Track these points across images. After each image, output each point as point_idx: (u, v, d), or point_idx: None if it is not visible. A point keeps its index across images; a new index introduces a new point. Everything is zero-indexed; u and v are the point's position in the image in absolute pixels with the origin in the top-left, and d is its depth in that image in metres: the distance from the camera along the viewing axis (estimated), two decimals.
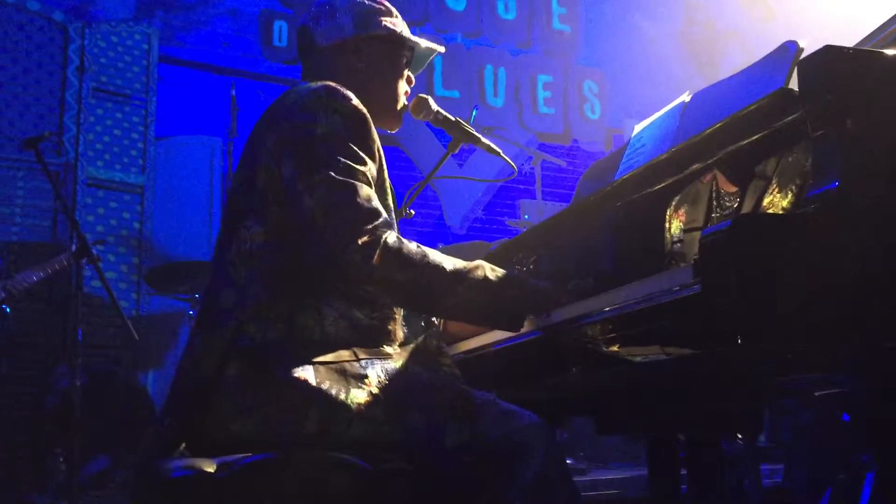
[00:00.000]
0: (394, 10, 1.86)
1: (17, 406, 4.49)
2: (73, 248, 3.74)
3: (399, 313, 1.65)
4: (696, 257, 1.15)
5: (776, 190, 1.58)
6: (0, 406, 4.36)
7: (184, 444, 1.45)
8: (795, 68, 1.65)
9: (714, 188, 1.87)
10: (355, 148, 1.56)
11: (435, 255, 1.55)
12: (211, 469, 1.32)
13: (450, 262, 1.56)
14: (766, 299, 1.07)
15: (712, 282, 1.08)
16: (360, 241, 1.46)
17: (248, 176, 1.61)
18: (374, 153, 1.62)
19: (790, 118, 1.25)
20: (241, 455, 1.36)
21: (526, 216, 6.11)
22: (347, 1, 1.81)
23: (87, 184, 5.04)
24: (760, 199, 1.61)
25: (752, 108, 1.32)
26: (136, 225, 5.21)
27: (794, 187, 1.52)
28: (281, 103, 1.65)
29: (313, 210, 1.49)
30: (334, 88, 1.61)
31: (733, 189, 1.81)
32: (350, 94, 1.62)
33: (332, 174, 1.51)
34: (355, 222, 1.48)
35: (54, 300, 4.72)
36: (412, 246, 1.53)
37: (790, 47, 1.65)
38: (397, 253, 1.50)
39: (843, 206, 1.07)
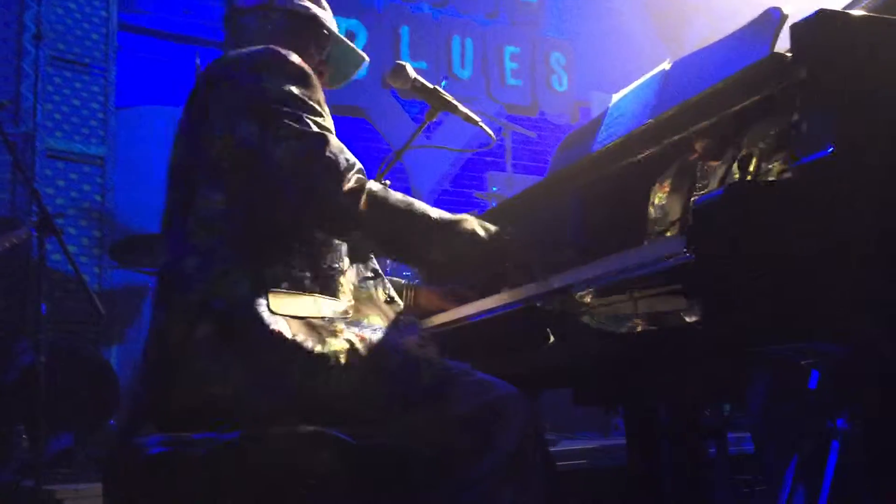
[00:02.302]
0: (324, 2, 1.88)
1: None
2: (34, 220, 3.63)
3: (348, 263, 1.64)
4: (688, 225, 1.13)
5: (744, 156, 1.57)
6: None
7: (160, 417, 1.42)
8: (779, 35, 1.65)
9: (699, 165, 1.85)
10: (311, 103, 1.57)
11: (421, 205, 1.58)
12: (189, 445, 1.29)
13: (436, 213, 1.59)
14: (761, 266, 1.06)
15: (706, 250, 1.07)
16: (345, 188, 1.48)
17: (194, 145, 1.59)
18: (324, 106, 1.63)
19: (780, 84, 1.23)
20: (220, 431, 1.32)
21: (494, 188, 6.09)
22: None
23: (46, 155, 4.90)
24: (729, 168, 1.59)
25: (742, 73, 1.30)
26: (98, 197, 5.09)
27: (756, 151, 1.50)
28: (218, 69, 1.64)
29: (287, 161, 1.49)
30: (274, 49, 1.61)
31: (715, 163, 1.79)
32: (291, 52, 1.61)
33: (298, 126, 1.51)
34: (336, 169, 1.49)
35: (12, 275, 4.60)
36: (397, 194, 1.56)
37: (774, 14, 1.63)
38: (383, 200, 1.52)
39: (838, 171, 1.06)
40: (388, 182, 2.11)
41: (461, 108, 2.02)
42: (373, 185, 1.52)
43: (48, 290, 3.72)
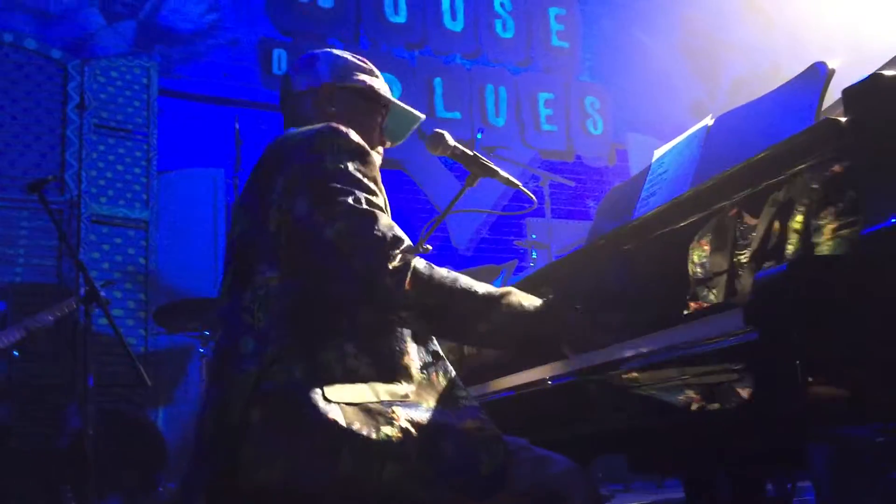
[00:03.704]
0: (375, 70, 1.92)
1: (27, 448, 4.43)
2: (82, 293, 3.67)
3: (411, 346, 1.60)
4: (746, 302, 1.08)
5: (783, 213, 1.50)
6: (10, 448, 4.29)
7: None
8: (826, 91, 1.61)
9: (739, 222, 1.79)
10: (365, 180, 1.56)
11: (466, 280, 1.54)
12: None
13: (482, 287, 1.55)
14: (830, 343, 1.01)
15: (771, 328, 1.02)
16: (390, 266, 1.45)
17: (256, 221, 1.58)
18: (380, 184, 1.63)
19: (834, 150, 1.19)
20: None
21: (534, 235, 6.05)
22: (329, 54, 1.88)
23: (91, 221, 5.00)
24: (770, 225, 1.53)
25: (797, 139, 1.25)
26: (142, 260, 5.16)
27: (801, 207, 1.44)
28: (283, 146, 1.64)
29: (336, 240, 1.47)
30: (334, 126, 1.62)
31: (753, 220, 1.73)
32: (351, 130, 1.62)
33: (351, 203, 1.50)
34: (382, 248, 1.46)
35: (61, 341, 4.66)
36: (442, 271, 1.52)
37: (820, 69, 1.59)
38: (428, 277, 1.49)
39: None
40: (429, 247, 2.09)
41: (501, 172, 1.99)
42: (418, 263, 1.48)
43: (96, 353, 3.75)
